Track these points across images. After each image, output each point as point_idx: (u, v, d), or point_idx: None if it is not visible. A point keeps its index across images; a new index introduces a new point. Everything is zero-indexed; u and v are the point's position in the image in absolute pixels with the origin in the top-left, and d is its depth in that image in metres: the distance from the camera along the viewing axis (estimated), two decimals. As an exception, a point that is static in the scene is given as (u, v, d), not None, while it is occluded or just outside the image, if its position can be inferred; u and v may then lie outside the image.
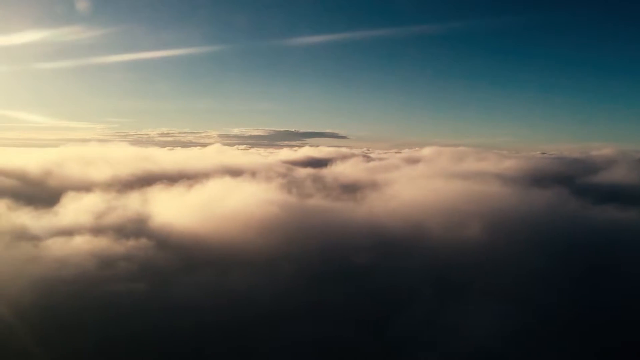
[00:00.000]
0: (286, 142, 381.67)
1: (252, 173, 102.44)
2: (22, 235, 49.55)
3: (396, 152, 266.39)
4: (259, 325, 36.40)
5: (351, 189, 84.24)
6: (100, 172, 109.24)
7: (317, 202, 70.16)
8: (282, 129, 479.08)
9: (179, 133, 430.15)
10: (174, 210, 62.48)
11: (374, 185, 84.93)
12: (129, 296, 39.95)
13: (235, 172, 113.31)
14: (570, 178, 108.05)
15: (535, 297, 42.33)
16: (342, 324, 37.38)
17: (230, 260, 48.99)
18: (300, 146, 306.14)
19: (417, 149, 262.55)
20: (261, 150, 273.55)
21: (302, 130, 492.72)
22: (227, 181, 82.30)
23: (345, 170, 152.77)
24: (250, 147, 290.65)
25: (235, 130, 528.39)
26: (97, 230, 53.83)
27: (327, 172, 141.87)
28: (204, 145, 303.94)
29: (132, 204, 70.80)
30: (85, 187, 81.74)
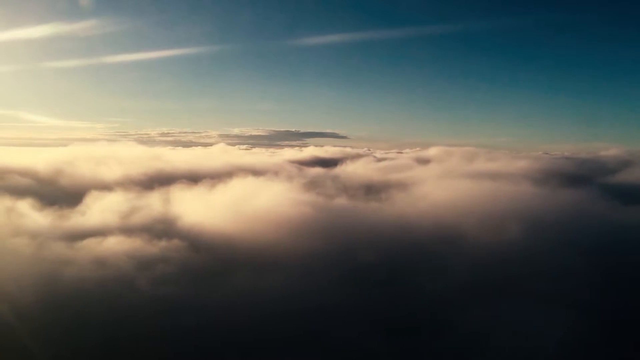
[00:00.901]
0: (286, 142, 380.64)
1: (270, 173, 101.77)
2: (53, 236, 48.29)
3: (398, 152, 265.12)
4: (301, 327, 35.48)
5: (373, 188, 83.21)
6: (115, 172, 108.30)
7: (345, 202, 69.06)
8: (282, 129, 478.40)
9: (179, 133, 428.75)
10: (200, 210, 61.39)
11: (397, 186, 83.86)
12: (169, 299, 39.04)
13: (249, 172, 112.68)
14: (589, 178, 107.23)
15: (580, 299, 41.41)
16: (382, 328, 36.37)
17: (265, 261, 48.04)
18: (300, 146, 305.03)
19: (418, 149, 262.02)
20: (263, 150, 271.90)
21: (302, 130, 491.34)
22: (249, 181, 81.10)
23: (358, 169, 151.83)
24: (251, 147, 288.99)
25: (236, 130, 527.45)
26: (126, 230, 52.65)
27: (340, 171, 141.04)
28: (204, 145, 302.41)
29: (155, 203, 69.63)
30: (104, 186, 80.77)
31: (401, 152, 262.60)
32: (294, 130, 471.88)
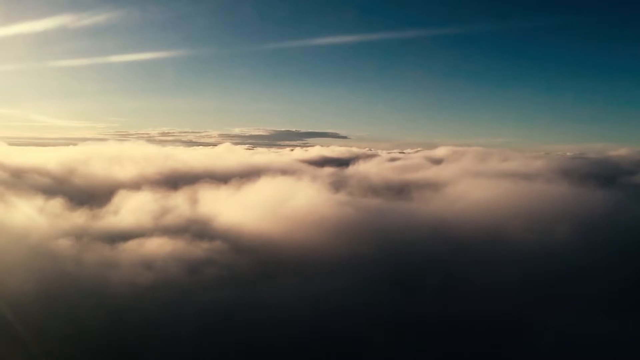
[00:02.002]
0: (287, 142, 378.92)
1: (289, 172, 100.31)
2: (93, 237, 46.71)
3: (400, 152, 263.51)
4: (354, 332, 33.97)
5: (400, 188, 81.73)
6: (130, 171, 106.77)
7: (381, 202, 67.60)
8: (282, 129, 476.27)
9: (180, 132, 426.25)
10: (234, 211, 59.84)
11: (426, 185, 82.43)
12: (223, 304, 37.59)
13: (268, 171, 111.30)
14: (612, 178, 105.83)
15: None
16: (443, 337, 34.85)
17: (310, 264, 46.58)
18: (301, 146, 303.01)
19: (419, 149, 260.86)
20: (265, 150, 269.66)
21: (302, 130, 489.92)
22: (275, 180, 79.52)
23: (372, 169, 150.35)
24: (252, 147, 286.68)
25: (236, 130, 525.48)
26: (164, 231, 51.19)
27: (354, 171, 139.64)
28: (205, 144, 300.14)
29: (184, 203, 68.10)
30: (126, 186, 79.31)
31: (403, 152, 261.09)
32: (294, 130, 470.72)
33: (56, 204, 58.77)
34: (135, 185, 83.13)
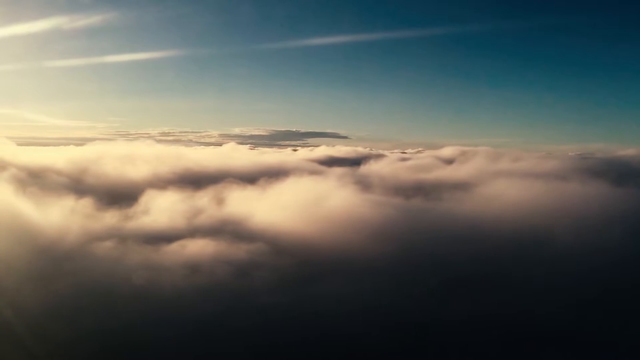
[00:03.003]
0: (287, 142, 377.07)
1: (309, 172, 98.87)
2: (131, 239, 45.18)
3: (402, 152, 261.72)
4: (407, 337, 32.78)
5: (427, 189, 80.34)
6: (148, 170, 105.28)
7: (419, 202, 66.22)
8: (283, 129, 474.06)
9: (180, 132, 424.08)
10: (267, 211, 58.38)
11: (455, 186, 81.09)
12: (272, 307, 36.15)
13: (286, 171, 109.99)
14: (629, 177, 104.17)
15: None
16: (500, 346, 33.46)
17: (354, 266, 45.20)
18: (302, 146, 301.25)
19: (421, 149, 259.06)
20: (271, 150, 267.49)
21: (303, 130, 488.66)
22: (303, 180, 78.06)
23: (384, 169, 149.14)
24: (254, 147, 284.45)
25: (236, 130, 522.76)
26: (199, 232, 49.75)
27: (368, 170, 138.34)
28: (206, 145, 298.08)
29: (212, 203, 66.63)
30: (149, 185, 77.96)
31: (405, 152, 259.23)
32: (294, 130, 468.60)
33: (84, 204, 57.15)
34: (157, 185, 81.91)
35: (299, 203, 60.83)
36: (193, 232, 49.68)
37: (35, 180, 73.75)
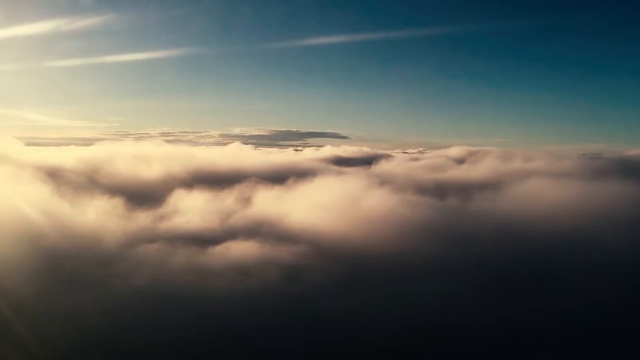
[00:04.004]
0: (288, 142, 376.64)
1: (323, 171, 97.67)
2: (172, 240, 43.73)
3: (404, 152, 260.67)
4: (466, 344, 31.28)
5: (454, 189, 79.05)
6: (168, 170, 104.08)
7: (451, 202, 64.91)
8: (283, 129, 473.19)
9: (180, 132, 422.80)
10: (301, 211, 56.95)
11: (484, 186, 79.78)
12: (327, 312, 34.81)
13: (299, 171, 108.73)
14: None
15: None
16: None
17: (401, 268, 43.86)
18: (302, 146, 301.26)
19: (422, 149, 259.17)
20: (276, 150, 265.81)
21: (303, 130, 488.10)
22: (329, 180, 76.69)
23: (396, 168, 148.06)
24: (256, 147, 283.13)
25: (237, 130, 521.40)
26: (235, 233, 48.36)
27: (381, 170, 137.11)
28: (207, 145, 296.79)
29: (239, 203, 65.22)
30: (172, 185, 76.74)
31: (407, 152, 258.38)
32: (294, 130, 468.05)
33: (115, 204, 55.63)
34: (178, 185, 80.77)
35: (332, 203, 59.45)
36: (230, 233, 48.29)
37: (56, 181, 71.94)
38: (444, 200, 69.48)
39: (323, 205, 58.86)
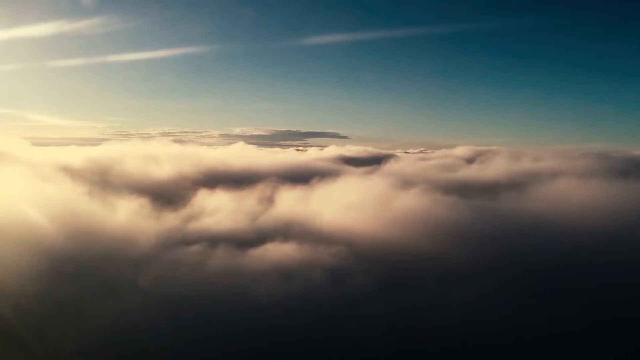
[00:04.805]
0: (288, 142, 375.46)
1: (336, 171, 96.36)
2: (207, 242, 42.45)
3: (405, 152, 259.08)
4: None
5: (481, 188, 77.94)
6: (172, 170, 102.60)
7: (483, 202, 63.65)
8: (283, 129, 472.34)
9: (180, 132, 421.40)
10: (331, 212, 55.64)
11: (512, 185, 78.72)
12: (375, 316, 33.61)
13: (312, 170, 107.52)
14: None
15: None
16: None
17: (441, 270, 42.63)
18: (303, 146, 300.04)
19: (422, 149, 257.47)
20: (280, 150, 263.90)
21: (303, 130, 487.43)
22: (353, 180, 75.43)
23: (406, 168, 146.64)
24: (258, 147, 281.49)
25: (237, 130, 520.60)
26: (271, 234, 47.03)
27: (392, 170, 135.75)
28: (208, 145, 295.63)
29: (263, 203, 63.95)
30: (189, 185, 75.43)
31: (408, 152, 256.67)
32: (295, 130, 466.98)
33: (142, 204, 54.30)
34: (195, 184, 79.44)
35: (360, 203, 58.16)
36: (263, 234, 46.96)
37: (75, 181, 70.59)
38: (471, 199, 68.25)
39: (352, 205, 57.57)
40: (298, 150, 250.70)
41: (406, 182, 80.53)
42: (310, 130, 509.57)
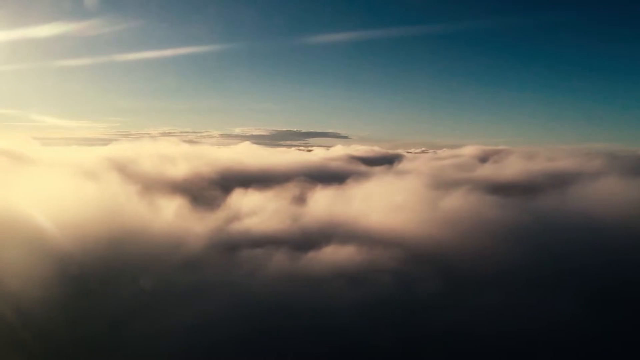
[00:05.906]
0: (288, 142, 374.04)
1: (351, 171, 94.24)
2: (259, 244, 40.43)
3: (407, 152, 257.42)
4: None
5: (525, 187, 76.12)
6: (186, 170, 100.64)
7: (524, 201, 61.81)
8: (283, 129, 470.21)
9: (181, 132, 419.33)
10: (374, 213, 53.69)
11: (551, 185, 76.88)
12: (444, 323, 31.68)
13: (331, 170, 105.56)
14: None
15: None
16: None
17: (498, 274, 40.64)
18: (304, 145, 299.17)
19: (423, 149, 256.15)
20: (285, 149, 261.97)
21: (303, 130, 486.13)
22: (384, 180, 73.48)
23: (421, 168, 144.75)
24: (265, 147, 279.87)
25: (237, 130, 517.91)
26: (320, 236, 44.98)
27: (406, 170, 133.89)
28: (210, 145, 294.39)
29: (296, 204, 62.00)
30: (215, 186, 73.54)
31: (410, 152, 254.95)
32: (295, 130, 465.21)
33: (181, 204, 52.23)
34: (219, 184, 77.45)
35: (404, 203, 56.16)
36: (312, 236, 44.91)
37: (99, 181, 68.45)
38: (514, 199, 66.26)
39: (396, 206, 55.57)
40: (300, 150, 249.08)
41: (440, 182, 78.76)
42: (311, 130, 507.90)
